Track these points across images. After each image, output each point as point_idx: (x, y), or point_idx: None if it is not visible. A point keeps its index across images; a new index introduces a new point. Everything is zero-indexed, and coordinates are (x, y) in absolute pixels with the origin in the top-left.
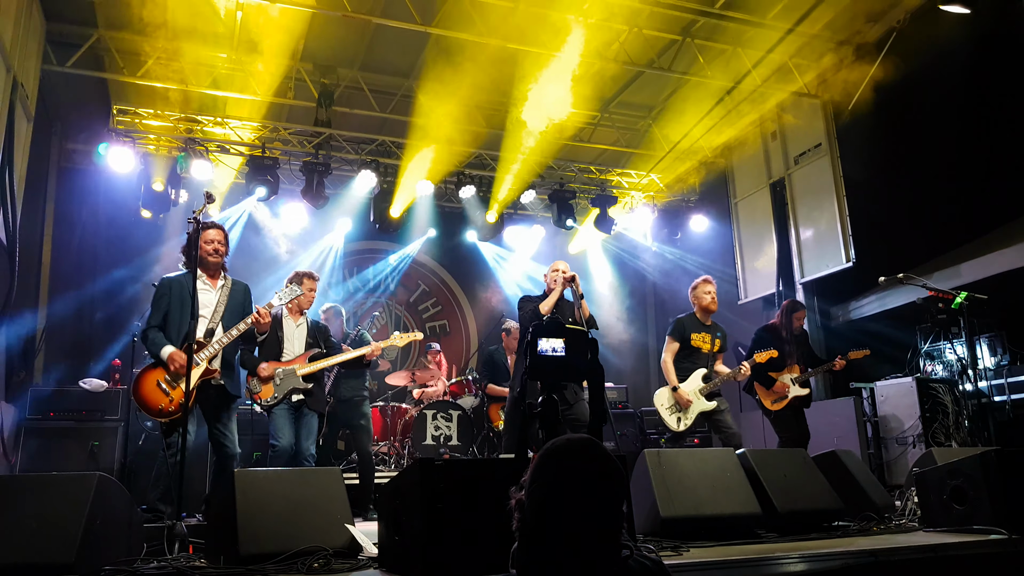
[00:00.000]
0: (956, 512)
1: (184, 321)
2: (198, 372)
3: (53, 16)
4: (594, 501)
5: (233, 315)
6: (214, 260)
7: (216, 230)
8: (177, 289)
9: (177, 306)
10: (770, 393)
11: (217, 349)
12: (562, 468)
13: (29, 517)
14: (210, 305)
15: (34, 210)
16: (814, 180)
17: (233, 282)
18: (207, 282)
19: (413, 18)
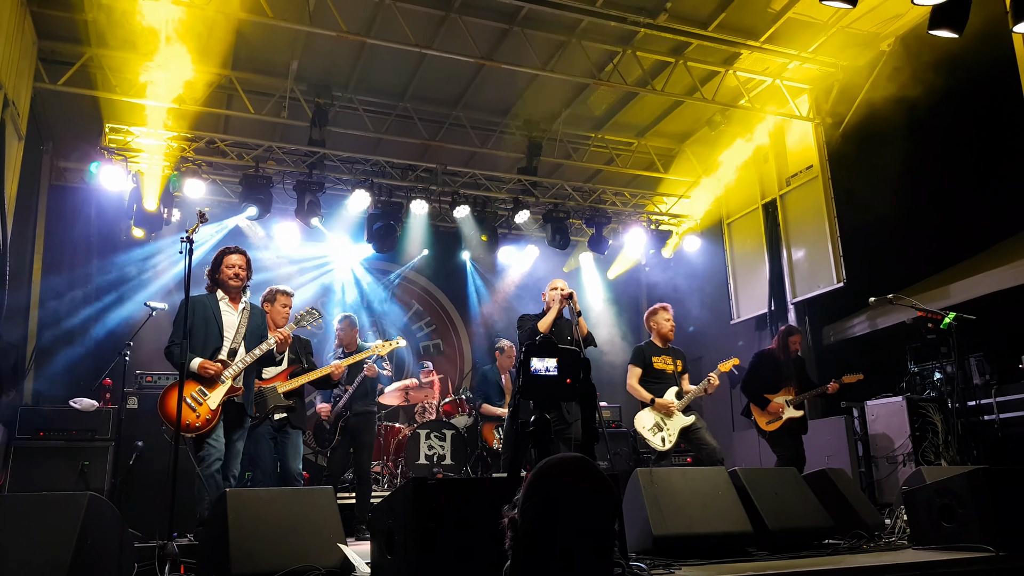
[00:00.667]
0: (945, 530)
1: (210, 339)
2: (223, 389)
3: (45, 34)
4: (586, 519)
5: (252, 336)
6: (235, 284)
7: (239, 255)
8: (200, 309)
9: (201, 325)
10: (765, 414)
11: (240, 368)
12: (555, 486)
13: (20, 538)
14: (232, 326)
15: (24, 228)
16: (806, 201)
17: (252, 305)
18: (229, 305)
19: (408, 39)
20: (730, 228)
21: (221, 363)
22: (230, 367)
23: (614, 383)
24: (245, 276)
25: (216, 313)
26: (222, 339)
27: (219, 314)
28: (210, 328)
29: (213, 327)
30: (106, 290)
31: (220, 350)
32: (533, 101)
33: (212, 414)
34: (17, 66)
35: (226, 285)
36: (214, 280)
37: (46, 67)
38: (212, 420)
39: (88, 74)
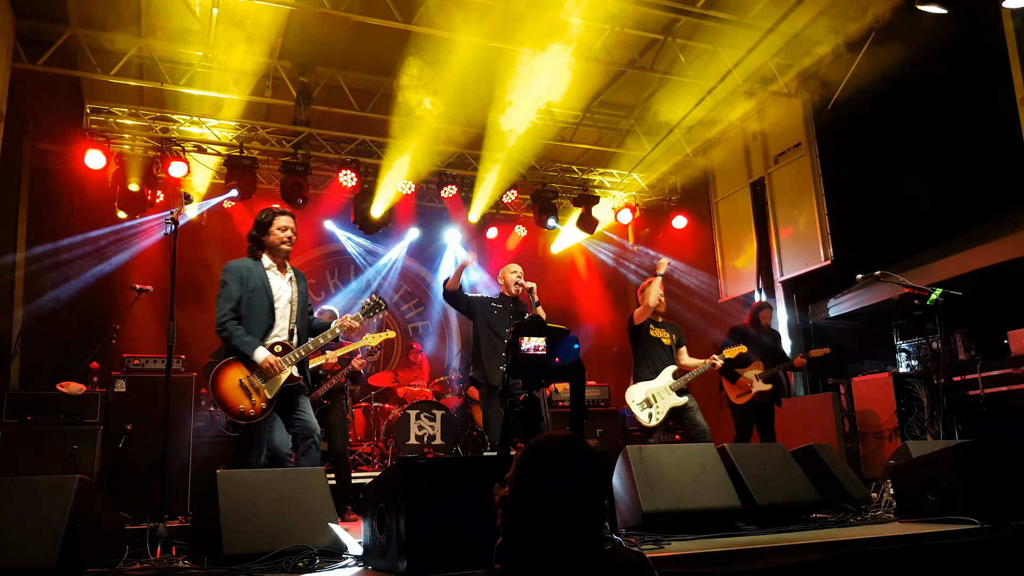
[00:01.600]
0: (931, 503)
1: (261, 315)
2: (282, 379)
3: (23, 13)
4: (577, 496)
5: (302, 311)
6: (286, 249)
7: (290, 217)
8: (249, 277)
9: (251, 297)
10: (735, 387)
11: (302, 355)
12: (545, 464)
13: (10, 521)
14: (285, 301)
15: (6, 212)
16: (793, 179)
17: (296, 272)
18: (277, 274)
19: (393, 15)
20: (718, 207)
21: (282, 346)
22: (292, 352)
23: (603, 363)
24: (295, 240)
25: (266, 284)
26: (273, 317)
27: (270, 288)
28: (260, 302)
29: (264, 301)
30: (91, 273)
31: (272, 328)
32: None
33: (268, 404)
34: None
35: (277, 249)
36: (259, 243)
37: (24, 47)
38: (268, 410)
39: (68, 54)
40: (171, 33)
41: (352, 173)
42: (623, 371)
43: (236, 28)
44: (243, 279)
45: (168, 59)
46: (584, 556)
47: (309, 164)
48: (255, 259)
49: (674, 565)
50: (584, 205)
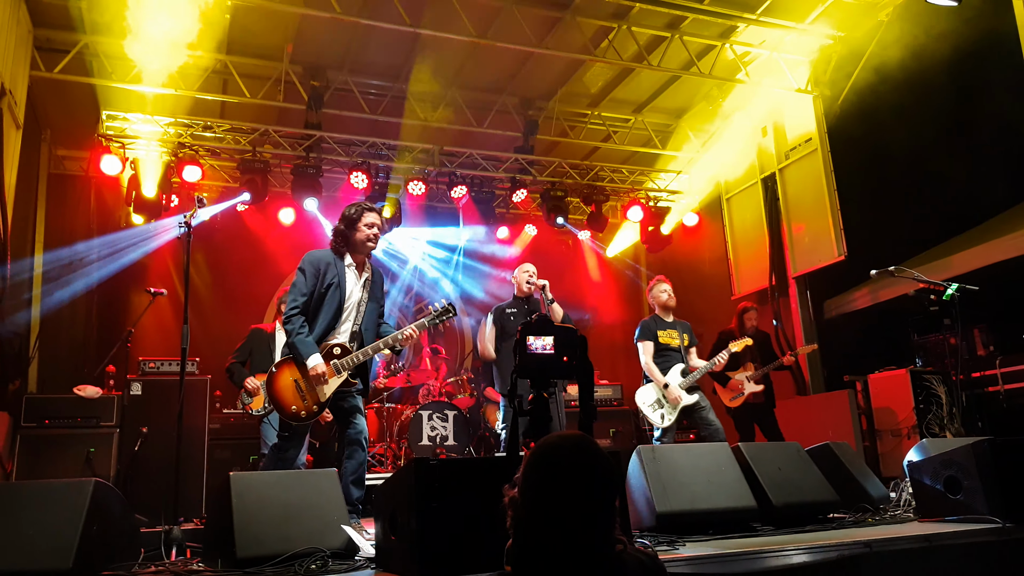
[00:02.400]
0: (950, 502)
1: (331, 314)
2: (338, 381)
3: (40, 22)
4: (587, 497)
5: (372, 314)
6: (370, 246)
7: (377, 214)
8: (328, 271)
9: (324, 292)
10: (727, 391)
11: (360, 360)
12: (554, 464)
13: (27, 524)
14: (355, 302)
15: (25, 217)
16: (806, 175)
17: (374, 271)
18: (355, 273)
19: (402, 19)
20: (729, 203)
21: (342, 348)
22: (350, 356)
23: (616, 362)
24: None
25: (343, 284)
26: (340, 317)
27: (345, 286)
28: (334, 300)
29: (337, 300)
30: (107, 277)
31: (336, 328)
32: (528, 79)
33: (319, 406)
34: (13, 55)
35: (362, 247)
36: (344, 238)
37: (42, 55)
38: (319, 412)
39: (84, 61)
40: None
41: (363, 175)
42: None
43: (248, 34)
44: (320, 272)
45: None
46: (594, 557)
47: (320, 167)
48: (338, 255)
49: (689, 566)
50: (594, 203)
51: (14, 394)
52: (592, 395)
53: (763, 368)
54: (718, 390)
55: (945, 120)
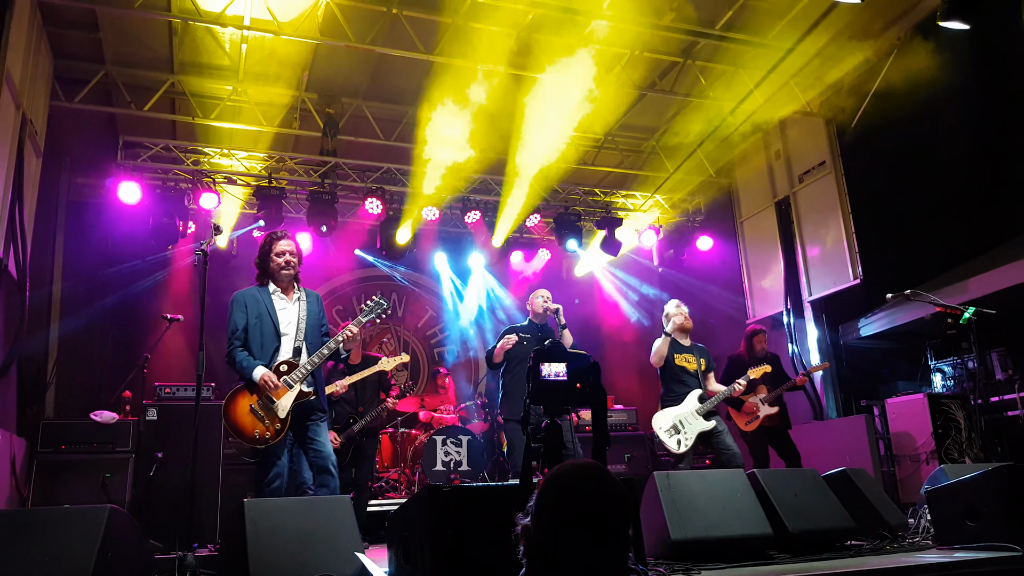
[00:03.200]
0: (970, 529)
1: (267, 339)
2: (292, 395)
3: (61, 53)
4: (600, 526)
5: (313, 330)
6: (287, 273)
7: (287, 240)
8: (253, 304)
9: (256, 324)
10: (742, 415)
11: (309, 371)
12: (567, 493)
13: (42, 550)
14: (292, 321)
15: (44, 244)
16: (819, 198)
17: (307, 293)
18: (282, 297)
19: (416, 46)
20: (743, 227)
21: (288, 364)
22: (297, 369)
23: (630, 387)
24: (297, 263)
25: (270, 309)
26: (279, 338)
27: (274, 310)
28: (265, 326)
29: (269, 325)
30: (124, 303)
31: (279, 350)
32: None
33: (282, 423)
34: (34, 85)
35: (277, 275)
36: (263, 270)
37: (62, 85)
38: (283, 429)
39: (104, 90)
40: (202, 69)
41: (378, 201)
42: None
43: (264, 63)
44: (247, 307)
45: (199, 94)
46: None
47: (336, 193)
48: (261, 285)
49: None
50: (607, 227)
51: (31, 419)
52: (605, 422)
53: (777, 389)
54: (732, 414)
55: (960, 142)
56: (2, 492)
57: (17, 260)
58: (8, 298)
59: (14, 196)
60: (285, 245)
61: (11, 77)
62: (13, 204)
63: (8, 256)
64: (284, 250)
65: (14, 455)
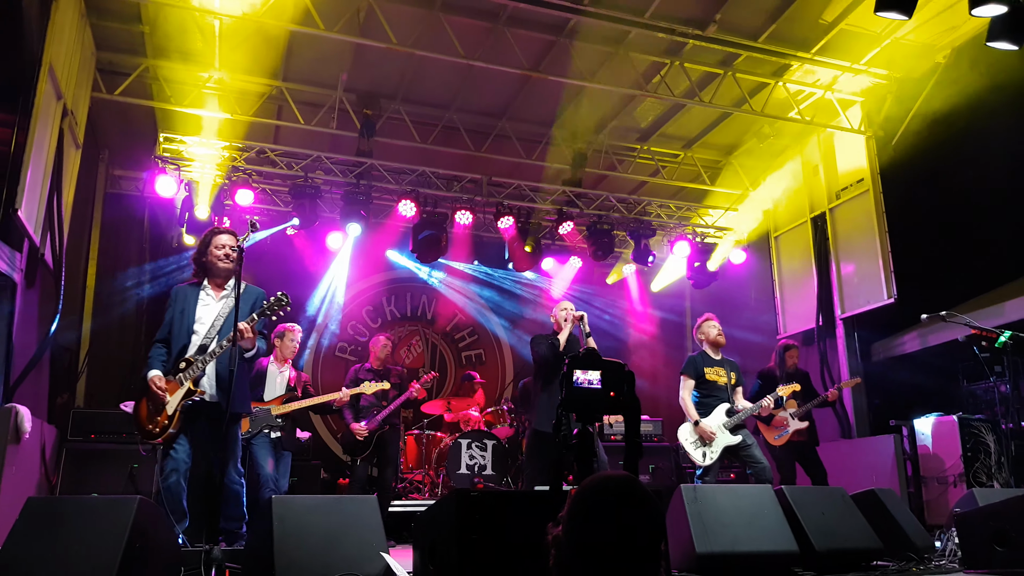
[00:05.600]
0: (998, 554)
1: (181, 336)
2: (180, 394)
3: (103, 45)
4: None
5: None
6: (224, 266)
7: (229, 235)
8: (181, 299)
9: (179, 319)
10: (771, 429)
11: (202, 367)
12: (601, 505)
13: (71, 540)
14: (207, 320)
15: (80, 235)
16: (856, 215)
17: (246, 290)
18: (211, 292)
19: (457, 51)
20: (778, 241)
21: (187, 361)
22: (192, 366)
23: (657, 397)
24: (236, 258)
25: (191, 305)
26: (190, 336)
27: (194, 307)
28: (184, 323)
29: (185, 322)
30: (157, 296)
31: (188, 347)
32: (579, 112)
33: (169, 419)
34: (76, 77)
35: (214, 267)
36: (200, 264)
37: (103, 77)
38: (170, 426)
39: (144, 84)
40: (242, 66)
41: (411, 203)
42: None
43: (304, 63)
44: (175, 302)
45: (238, 90)
46: None
47: (370, 193)
48: (196, 280)
49: None
50: (640, 237)
51: (62, 408)
52: (638, 432)
53: (807, 405)
54: (761, 428)
55: (1002, 164)
56: (32, 478)
57: (54, 250)
58: (44, 287)
59: (52, 186)
60: (227, 239)
61: (53, 67)
62: (52, 194)
63: (45, 246)
64: (224, 243)
65: (44, 442)
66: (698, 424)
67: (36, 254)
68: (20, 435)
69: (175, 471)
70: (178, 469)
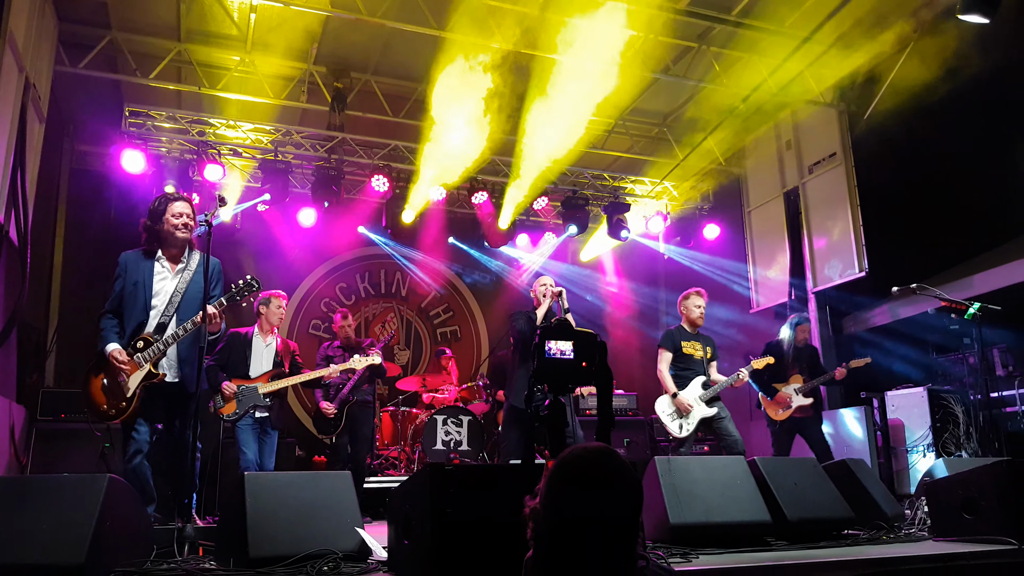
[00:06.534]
0: (966, 522)
1: (137, 310)
2: (140, 375)
3: (66, 17)
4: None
5: (192, 303)
6: (182, 236)
7: (185, 203)
8: (134, 269)
9: (132, 291)
10: (774, 404)
11: (162, 350)
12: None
13: (40, 519)
14: (165, 294)
15: (46, 211)
16: (828, 189)
17: (199, 263)
18: (166, 264)
19: (428, 22)
20: (750, 216)
21: (144, 340)
22: (152, 347)
23: (631, 371)
24: (193, 226)
25: (147, 278)
26: (147, 312)
27: (151, 280)
28: (138, 297)
29: (141, 296)
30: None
31: (144, 325)
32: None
33: (128, 401)
34: (38, 49)
35: (171, 237)
36: (153, 233)
37: (66, 50)
38: (128, 407)
39: (109, 57)
40: (209, 38)
41: (384, 178)
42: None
43: (273, 34)
44: (128, 271)
45: (206, 63)
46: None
47: (342, 168)
48: (148, 251)
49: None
50: (614, 213)
51: (31, 388)
52: (611, 403)
53: (813, 381)
54: (764, 403)
55: (972, 137)
56: (1, 459)
57: (18, 226)
58: (9, 264)
59: (16, 161)
60: (183, 207)
61: (14, 39)
62: (15, 169)
63: (9, 222)
64: (182, 211)
65: (13, 423)
66: (676, 396)
67: (0, 231)
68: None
69: (139, 452)
70: (141, 450)
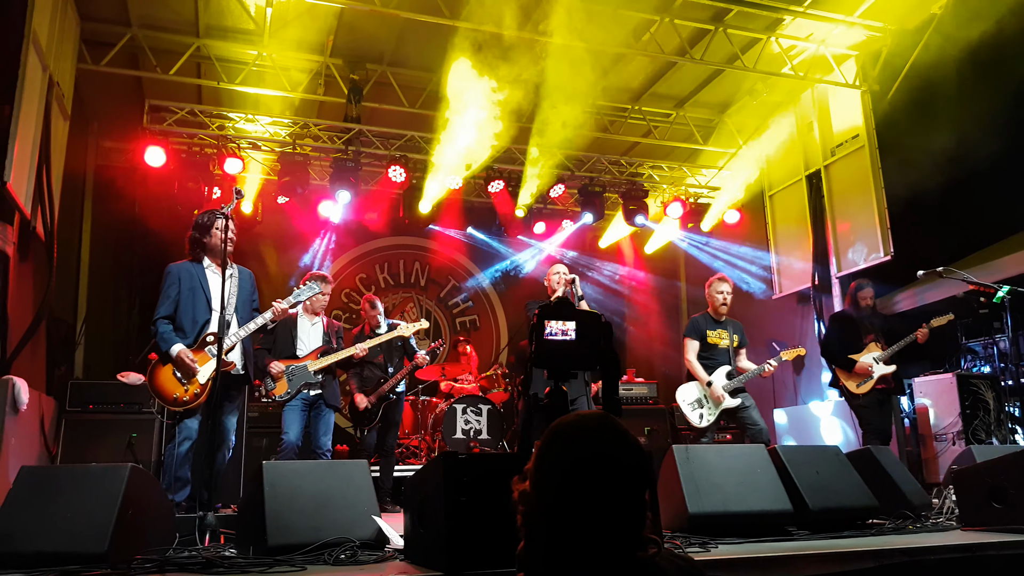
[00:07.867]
0: (995, 511)
1: (199, 312)
2: (211, 365)
3: (87, 16)
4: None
5: (244, 305)
6: (229, 249)
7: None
8: (187, 277)
9: (188, 296)
10: (853, 376)
11: (234, 342)
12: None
13: (64, 507)
14: (222, 297)
15: (72, 207)
16: (852, 172)
17: (240, 270)
18: (216, 272)
19: (442, 11)
20: (772, 200)
21: (214, 335)
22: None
23: (652, 360)
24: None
25: (204, 283)
26: (210, 311)
27: (207, 284)
28: (198, 300)
29: (201, 299)
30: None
31: (209, 323)
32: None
33: (201, 388)
34: (61, 48)
35: (217, 250)
36: (200, 245)
37: (88, 48)
38: (201, 394)
39: (130, 54)
40: (227, 33)
41: (401, 169)
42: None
43: (289, 27)
44: (181, 280)
45: (224, 58)
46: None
47: (360, 160)
48: (196, 260)
49: (722, 570)
50: (632, 199)
51: (60, 379)
52: (617, 389)
53: (892, 347)
54: (841, 376)
55: (1001, 118)
56: (32, 449)
57: (45, 222)
58: (37, 260)
59: (41, 158)
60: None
61: (38, 38)
62: (40, 166)
63: (36, 218)
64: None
65: (43, 414)
66: (711, 385)
67: (28, 227)
68: (18, 407)
69: (188, 439)
70: (191, 438)
